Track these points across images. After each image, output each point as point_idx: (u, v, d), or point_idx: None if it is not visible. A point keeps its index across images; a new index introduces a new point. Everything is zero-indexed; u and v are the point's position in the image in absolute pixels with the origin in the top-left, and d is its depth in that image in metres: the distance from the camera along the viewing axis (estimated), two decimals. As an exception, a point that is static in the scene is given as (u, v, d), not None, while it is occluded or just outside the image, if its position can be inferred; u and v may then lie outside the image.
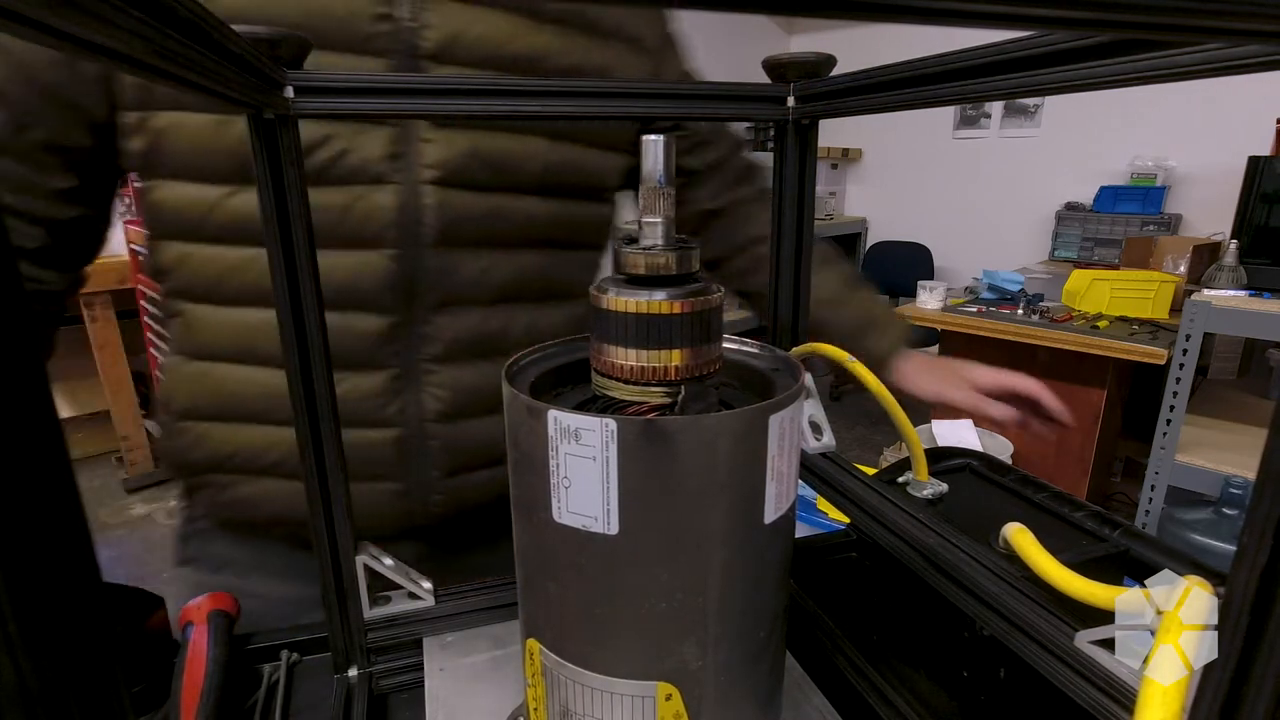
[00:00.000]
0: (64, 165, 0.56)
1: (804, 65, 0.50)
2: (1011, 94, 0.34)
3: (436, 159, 0.56)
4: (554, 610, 0.33)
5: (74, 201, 0.58)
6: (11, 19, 0.12)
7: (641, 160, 0.32)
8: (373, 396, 0.59)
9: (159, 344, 2.68)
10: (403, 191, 0.56)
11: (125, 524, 2.71)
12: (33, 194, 0.56)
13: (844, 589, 0.57)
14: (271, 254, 0.41)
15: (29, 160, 0.55)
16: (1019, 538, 0.37)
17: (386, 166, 0.55)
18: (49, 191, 0.56)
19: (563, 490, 0.30)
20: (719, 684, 0.33)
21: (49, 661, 0.10)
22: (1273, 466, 0.17)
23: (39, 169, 0.55)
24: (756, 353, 0.39)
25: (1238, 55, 0.24)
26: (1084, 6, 0.12)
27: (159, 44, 0.20)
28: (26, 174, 0.55)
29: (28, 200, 0.56)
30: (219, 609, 0.50)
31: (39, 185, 0.56)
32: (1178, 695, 0.23)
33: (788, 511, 0.34)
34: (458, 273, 0.59)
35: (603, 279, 0.33)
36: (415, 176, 0.56)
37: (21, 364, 0.10)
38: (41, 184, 0.56)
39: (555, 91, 0.45)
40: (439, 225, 0.57)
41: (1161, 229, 3.10)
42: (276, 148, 0.39)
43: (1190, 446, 1.79)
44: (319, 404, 0.44)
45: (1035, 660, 0.34)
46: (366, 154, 0.54)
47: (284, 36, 0.38)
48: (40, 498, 0.10)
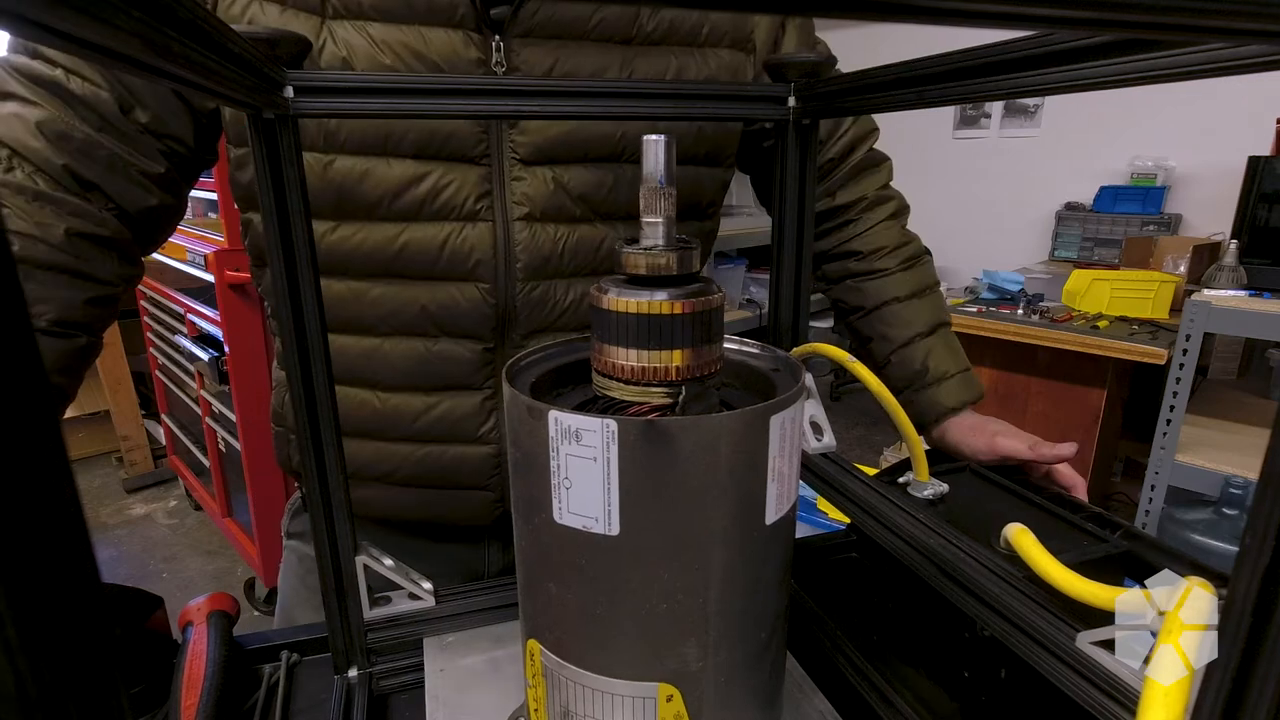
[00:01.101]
0: (160, 152, 0.57)
1: (804, 65, 0.50)
2: (1011, 94, 0.34)
3: (525, 195, 0.57)
4: (555, 611, 0.33)
5: (160, 188, 0.59)
6: (11, 19, 0.12)
7: (642, 160, 0.32)
8: (470, 416, 0.62)
9: (158, 344, 2.68)
10: (495, 229, 0.58)
11: (125, 524, 2.71)
12: (123, 177, 0.56)
13: (844, 589, 0.57)
14: (272, 254, 0.41)
15: (127, 139, 0.56)
16: (1020, 538, 0.37)
17: (480, 204, 0.57)
18: (140, 173, 0.57)
19: (564, 491, 0.30)
20: (720, 685, 0.33)
21: (48, 663, 0.10)
22: (1274, 467, 0.17)
23: (135, 150, 0.56)
24: (757, 353, 0.39)
25: (1238, 55, 0.24)
26: (1084, 6, 0.12)
27: (159, 44, 0.20)
28: (121, 153, 0.56)
29: (118, 181, 0.56)
30: (219, 609, 0.50)
31: (133, 164, 0.56)
32: (1179, 696, 0.23)
33: (788, 512, 0.34)
34: (549, 303, 0.61)
35: (603, 279, 0.33)
36: (507, 214, 0.57)
37: (21, 365, 0.10)
38: (136, 163, 0.57)
39: (555, 91, 0.45)
40: (529, 261, 0.59)
41: (1161, 229, 3.10)
42: (277, 148, 0.39)
43: (1190, 446, 1.79)
44: (319, 405, 0.44)
45: (1036, 661, 0.34)
46: (461, 191, 0.56)
47: (283, 36, 0.38)
48: (40, 498, 0.10)
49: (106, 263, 0.58)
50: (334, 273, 0.58)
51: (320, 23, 0.52)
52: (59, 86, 0.53)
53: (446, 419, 0.61)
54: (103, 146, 0.55)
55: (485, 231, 0.57)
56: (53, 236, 0.53)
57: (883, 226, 0.77)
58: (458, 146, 0.55)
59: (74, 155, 0.54)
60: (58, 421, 0.10)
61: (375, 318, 0.59)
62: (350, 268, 0.58)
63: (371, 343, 0.60)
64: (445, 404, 0.61)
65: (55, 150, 0.53)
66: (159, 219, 0.61)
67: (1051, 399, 2.23)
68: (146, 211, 0.59)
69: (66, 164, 0.54)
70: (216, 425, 2.20)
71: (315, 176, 0.55)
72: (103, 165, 0.55)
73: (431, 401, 0.61)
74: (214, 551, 2.50)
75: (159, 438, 2.96)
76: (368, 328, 0.59)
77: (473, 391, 0.61)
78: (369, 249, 0.57)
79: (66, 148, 0.54)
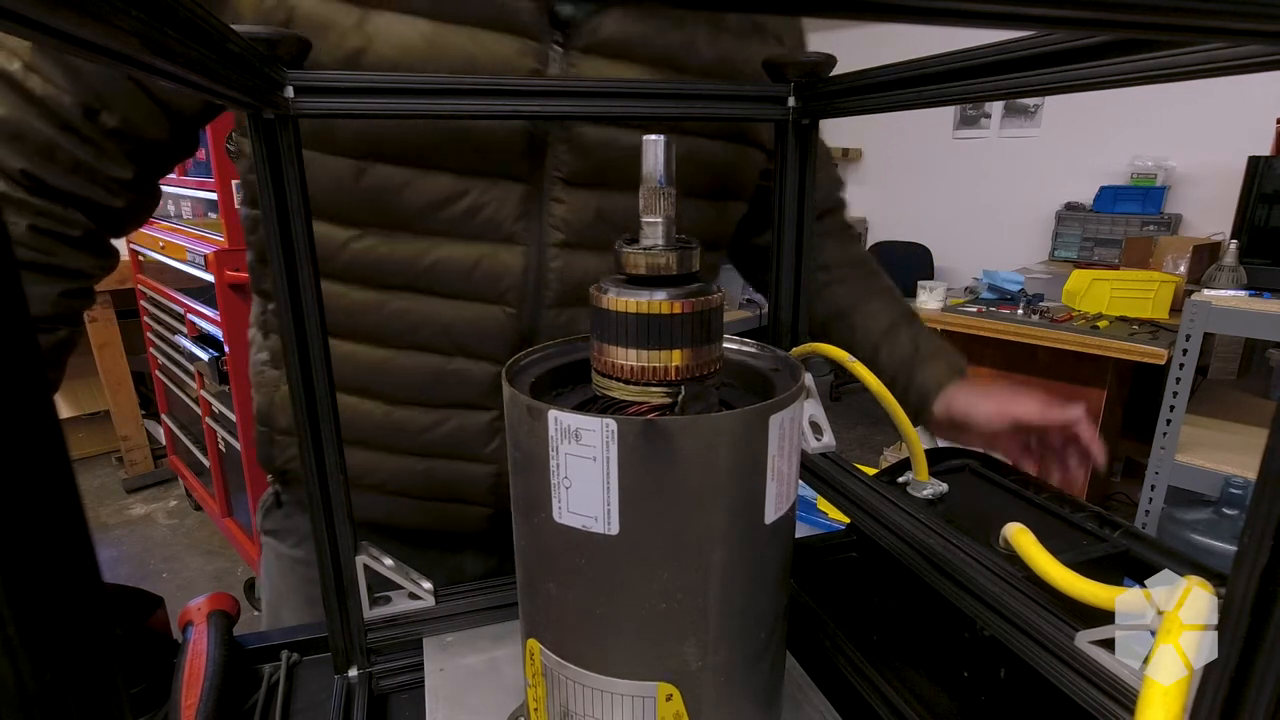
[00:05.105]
0: (128, 155, 0.55)
1: (804, 65, 0.50)
2: (1011, 94, 0.34)
3: (564, 220, 0.55)
4: (554, 610, 0.33)
5: (131, 190, 0.57)
6: (11, 19, 0.12)
7: (642, 160, 0.32)
8: (476, 436, 0.60)
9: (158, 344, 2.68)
10: (530, 253, 0.56)
11: (125, 524, 2.71)
12: (87, 180, 0.54)
13: (844, 589, 0.57)
14: (272, 254, 0.41)
15: (92, 143, 0.53)
16: (1019, 538, 0.37)
17: (517, 226, 0.55)
18: (105, 178, 0.54)
19: (563, 490, 0.30)
20: (719, 684, 0.33)
21: (48, 662, 0.10)
22: (1273, 467, 0.17)
23: (100, 155, 0.53)
24: (756, 353, 0.39)
25: (1238, 55, 0.24)
26: (1084, 6, 0.12)
27: (159, 44, 0.20)
28: (84, 158, 0.53)
29: (78, 184, 0.53)
30: (219, 609, 0.50)
31: (96, 171, 0.54)
32: (1179, 695, 0.23)
33: (788, 512, 0.34)
34: (573, 329, 0.59)
35: (603, 279, 0.33)
36: (543, 238, 0.56)
37: (21, 364, 0.10)
38: (100, 170, 0.54)
39: (555, 91, 0.45)
40: (561, 288, 0.57)
41: (1161, 229, 3.10)
42: (277, 148, 0.39)
43: (1190, 446, 1.79)
44: (319, 407, 0.44)
45: (1036, 660, 0.34)
46: (499, 210, 0.54)
47: (283, 36, 0.38)
48: (40, 498, 0.10)
49: (77, 256, 0.56)
50: (355, 281, 0.56)
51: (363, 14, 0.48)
52: (15, 84, 0.49)
53: (453, 437, 0.60)
54: (64, 150, 0.52)
55: (519, 255, 0.55)
56: (16, 234, 0.51)
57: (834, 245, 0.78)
58: (501, 161, 0.53)
59: (32, 159, 0.51)
60: (58, 422, 0.10)
61: (393, 330, 0.57)
62: (373, 277, 0.55)
63: (385, 354, 0.58)
64: (453, 421, 0.59)
65: (11, 152, 0.50)
66: (130, 213, 0.59)
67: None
68: (115, 211, 0.57)
69: (25, 168, 0.51)
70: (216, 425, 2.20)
71: (349, 181, 0.52)
72: (65, 169, 0.52)
73: (439, 418, 0.59)
74: (214, 551, 2.50)
75: (159, 438, 2.96)
76: (383, 339, 0.57)
77: (482, 411, 0.60)
78: (397, 261, 0.54)
79: (23, 150, 0.51)
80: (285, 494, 0.70)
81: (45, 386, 0.10)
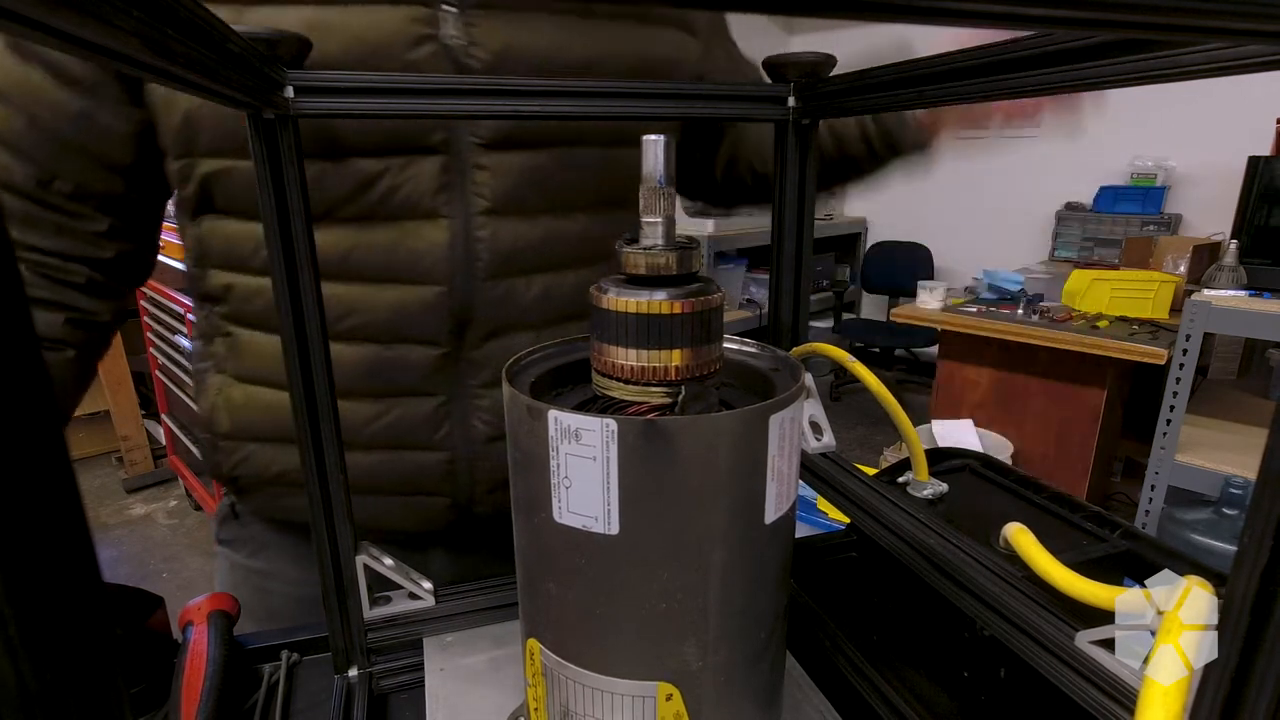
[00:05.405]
0: (99, 208, 0.55)
1: (804, 65, 0.50)
2: (1011, 94, 0.34)
3: (489, 187, 0.54)
4: (554, 610, 0.33)
5: (115, 239, 0.57)
6: (11, 19, 0.12)
7: (642, 160, 0.32)
8: (422, 423, 0.59)
9: (158, 344, 2.68)
10: (454, 225, 0.54)
11: (125, 524, 2.71)
12: (71, 237, 0.55)
13: (844, 589, 0.57)
14: (272, 255, 0.41)
15: (60, 210, 0.54)
16: (1019, 538, 0.37)
17: (438, 200, 0.53)
18: (86, 234, 0.55)
19: (563, 490, 0.30)
20: (719, 684, 0.33)
21: (49, 662, 0.10)
22: (1273, 467, 0.17)
23: (72, 216, 0.54)
24: (756, 353, 0.39)
25: (1238, 55, 0.24)
26: (1084, 6, 0.12)
27: (159, 44, 0.20)
28: (60, 220, 0.54)
29: (66, 243, 0.55)
30: (219, 609, 0.50)
31: (76, 229, 0.55)
32: (1178, 695, 0.23)
33: (788, 512, 0.34)
34: (511, 301, 0.58)
35: (603, 279, 0.33)
36: (468, 208, 0.54)
37: (22, 365, 0.10)
38: (78, 228, 0.55)
39: (555, 91, 0.45)
40: (492, 258, 0.56)
41: (1161, 229, 3.10)
42: (277, 148, 0.39)
43: (1190, 446, 1.79)
44: (319, 406, 0.44)
45: (1036, 660, 0.34)
46: (417, 186, 0.53)
47: (283, 36, 0.38)
48: (40, 498, 0.10)
49: (85, 299, 0.56)
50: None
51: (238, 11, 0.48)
52: None
53: (399, 426, 0.58)
54: (40, 217, 0.53)
55: (444, 229, 0.54)
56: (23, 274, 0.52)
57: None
58: (414, 136, 0.52)
59: (19, 228, 0.52)
60: (59, 422, 0.10)
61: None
62: None
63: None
64: (397, 410, 0.58)
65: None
66: (125, 262, 0.59)
67: (1051, 399, 2.23)
68: (107, 261, 0.57)
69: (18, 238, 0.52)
70: (216, 425, 2.19)
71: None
72: (49, 232, 0.53)
73: (382, 408, 0.58)
74: (214, 552, 2.50)
75: (159, 438, 2.96)
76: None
77: (426, 397, 0.58)
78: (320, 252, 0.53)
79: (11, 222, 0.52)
80: (240, 504, 0.68)
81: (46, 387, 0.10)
